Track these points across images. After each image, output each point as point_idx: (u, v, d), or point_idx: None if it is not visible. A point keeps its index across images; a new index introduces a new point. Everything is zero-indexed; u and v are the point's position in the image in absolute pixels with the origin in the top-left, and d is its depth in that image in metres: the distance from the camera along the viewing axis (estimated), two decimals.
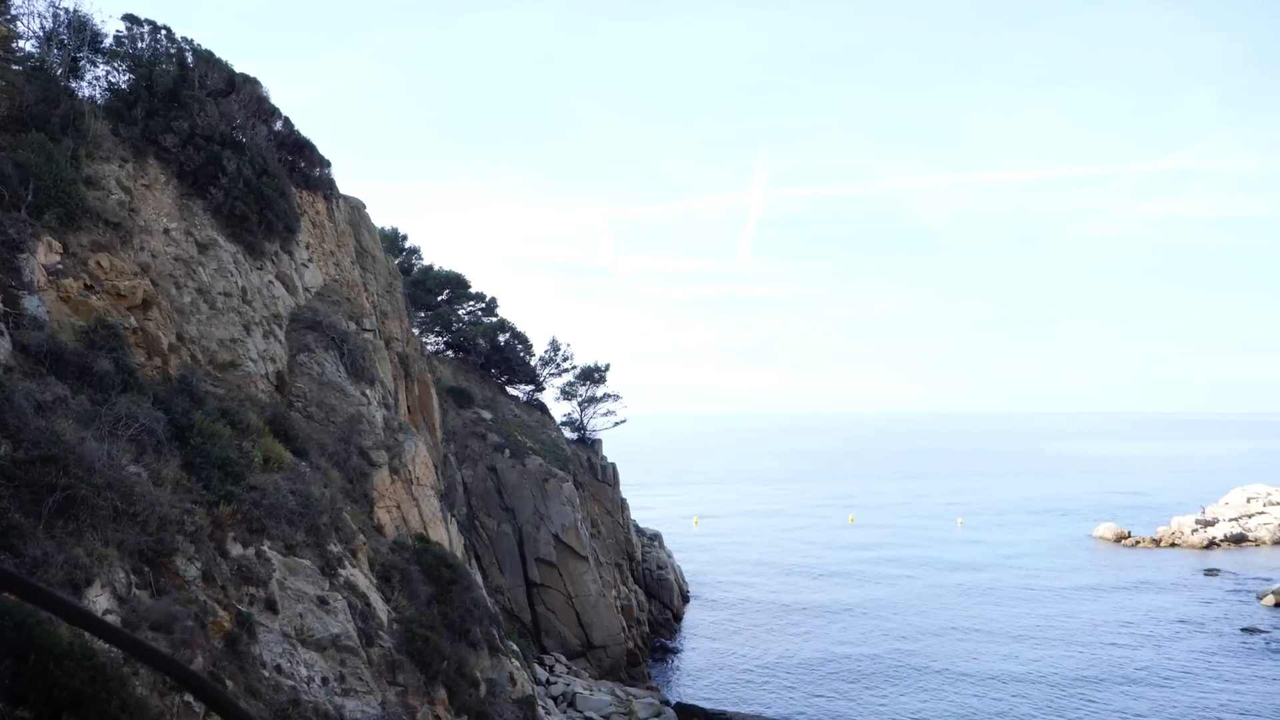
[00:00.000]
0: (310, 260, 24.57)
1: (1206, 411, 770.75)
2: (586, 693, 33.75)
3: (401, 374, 28.83)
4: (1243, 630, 49.58)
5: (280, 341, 20.89)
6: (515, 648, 29.30)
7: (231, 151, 21.20)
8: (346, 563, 15.45)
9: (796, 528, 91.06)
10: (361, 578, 15.80)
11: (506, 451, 41.56)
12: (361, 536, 17.16)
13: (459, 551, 25.74)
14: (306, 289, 23.75)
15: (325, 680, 12.71)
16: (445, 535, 23.87)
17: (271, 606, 12.66)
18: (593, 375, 53.45)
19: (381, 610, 15.79)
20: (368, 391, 22.71)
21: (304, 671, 12.41)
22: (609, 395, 53.60)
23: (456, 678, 16.44)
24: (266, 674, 11.63)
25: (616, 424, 54.22)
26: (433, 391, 32.96)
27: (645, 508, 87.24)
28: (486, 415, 43.79)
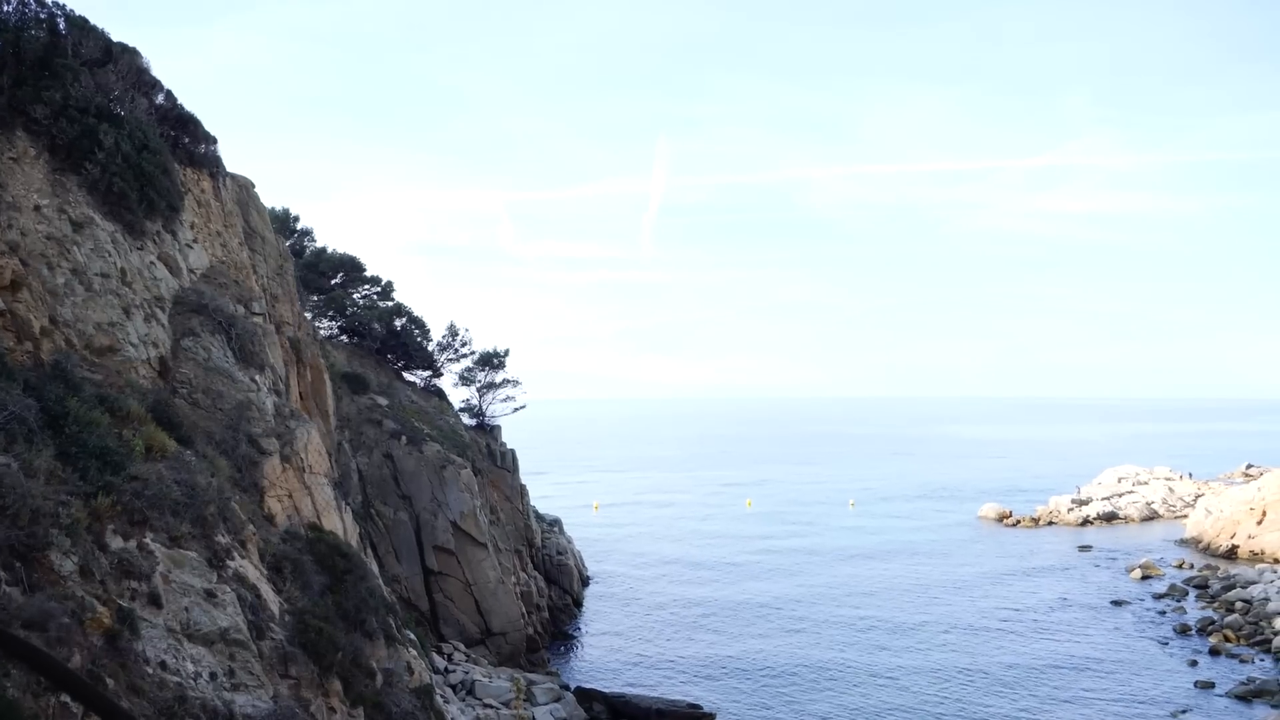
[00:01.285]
0: (195, 241, 23.63)
1: (1082, 396, 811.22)
2: (485, 680, 33.58)
3: (293, 359, 28.03)
4: (1113, 603, 52.48)
5: (163, 325, 20.05)
6: (413, 637, 28.93)
7: (109, 125, 20.18)
8: (235, 554, 14.98)
9: (695, 512, 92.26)
10: (251, 569, 15.34)
11: (403, 438, 40.88)
12: (251, 527, 16.65)
13: (354, 540, 25.23)
14: (191, 271, 22.85)
15: (214, 675, 12.32)
16: (339, 524, 23.36)
17: (155, 601, 12.19)
18: (492, 361, 52.94)
19: (273, 602, 15.37)
20: (257, 377, 22.01)
21: (190, 667, 12.00)
22: (509, 381, 53.22)
23: (352, 669, 16.14)
24: (150, 671, 11.20)
25: (516, 410, 53.87)
26: (326, 377, 32.15)
27: (546, 494, 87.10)
28: (382, 401, 42.96)
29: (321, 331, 44.50)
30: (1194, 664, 40.73)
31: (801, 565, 63.94)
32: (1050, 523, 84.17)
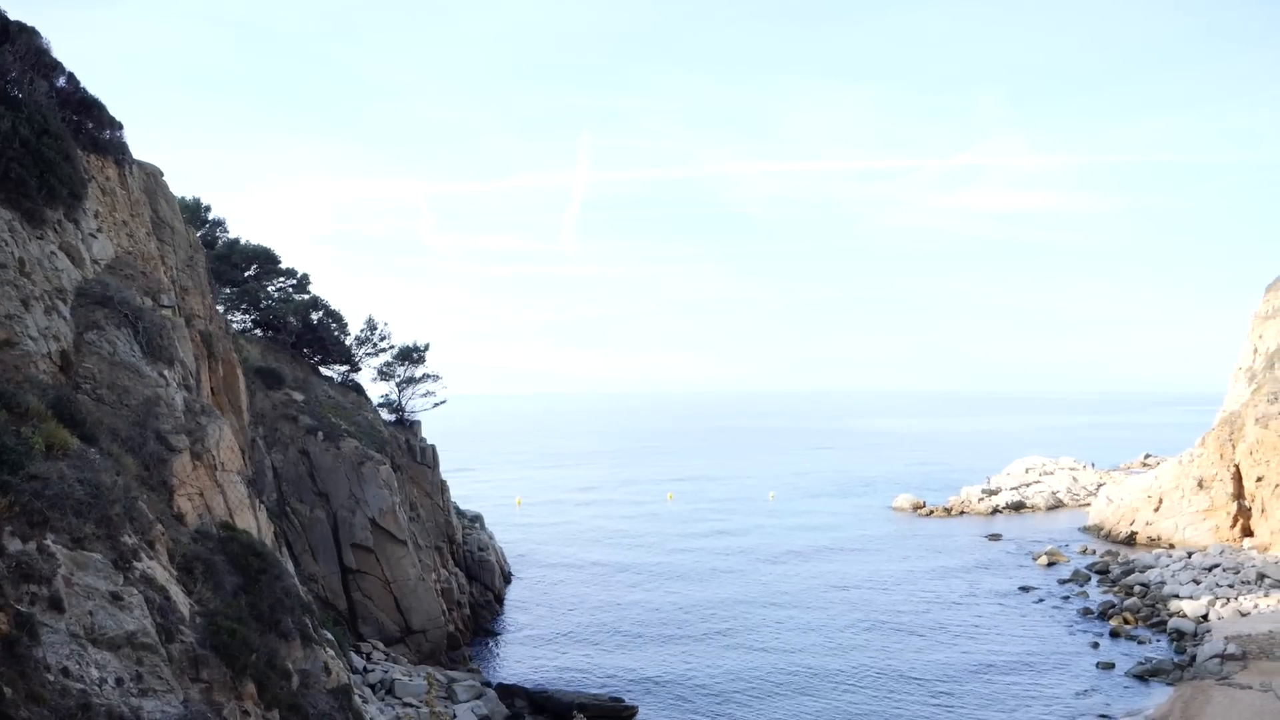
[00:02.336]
0: (100, 230, 22.75)
1: (994, 390, 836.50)
2: (405, 679, 33.16)
3: (204, 353, 27.21)
4: (1020, 589, 54.32)
5: (65, 318, 19.27)
6: (330, 636, 28.40)
7: (5, 109, 19.29)
8: (143, 555, 14.50)
9: (618, 507, 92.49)
10: (160, 570, 14.88)
11: (320, 434, 40.04)
12: (160, 526, 16.14)
13: (269, 539, 24.64)
14: (95, 261, 22.00)
15: (120, 681, 11.92)
16: (253, 522, 22.78)
17: (57, 605, 11.73)
18: (411, 355, 52.17)
19: (183, 604, 14.93)
20: (166, 372, 21.32)
21: (95, 673, 11.59)
22: (428, 375, 52.51)
23: (267, 670, 15.77)
24: (52, 678, 10.78)
25: (436, 405, 53.21)
26: (239, 372, 31.29)
27: (467, 490, 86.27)
28: (298, 397, 42.01)
29: (234, 325, 43.29)
30: (1096, 646, 42.42)
31: (722, 558, 64.64)
32: (962, 512, 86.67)
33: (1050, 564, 61.10)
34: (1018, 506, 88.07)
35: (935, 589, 54.44)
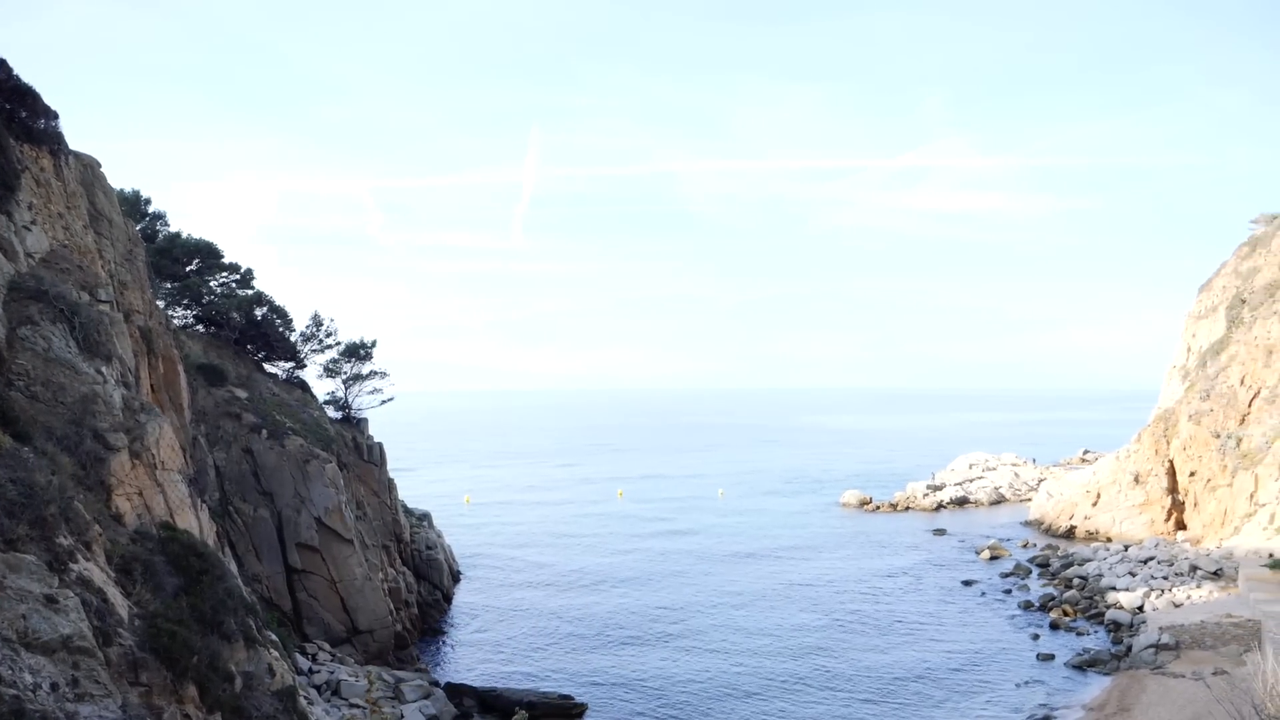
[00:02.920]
0: (34, 223, 22.12)
1: (940, 387, 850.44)
2: (352, 679, 32.78)
3: (144, 350, 26.61)
4: (963, 583, 55.30)
5: None
6: (275, 637, 27.96)
7: None
8: (79, 556, 14.15)
9: (568, 504, 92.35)
10: (97, 572, 14.54)
11: (264, 432, 39.38)
12: (97, 527, 15.77)
13: (210, 539, 24.19)
14: (29, 255, 21.39)
15: (55, 686, 11.62)
16: (195, 522, 22.36)
17: None
18: (358, 352, 51.49)
19: (121, 606, 14.60)
20: (104, 369, 20.81)
21: (29, 678, 11.29)
22: (376, 372, 51.86)
23: (209, 673, 15.50)
24: None
25: (384, 402, 52.61)
26: (180, 369, 30.65)
27: (415, 488, 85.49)
28: (241, 394, 41.27)
29: (176, 321, 42.39)
30: (1036, 638, 43.35)
31: (672, 557, 64.86)
32: (907, 508, 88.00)
33: (993, 558, 62.29)
34: (962, 502, 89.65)
35: (881, 584, 55.21)
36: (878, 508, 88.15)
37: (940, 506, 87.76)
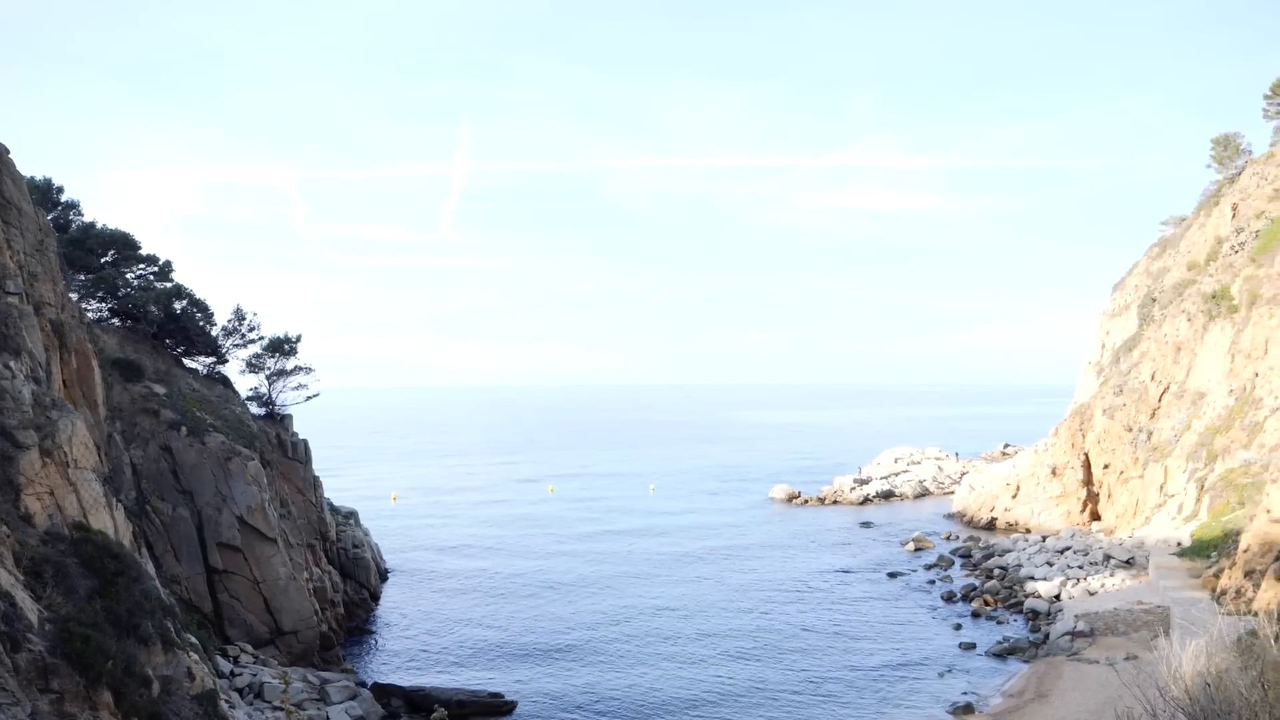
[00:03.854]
0: None
1: (867, 383, 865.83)
2: (275, 682, 32.07)
3: (55, 344, 25.61)
4: (889, 575, 56.41)
5: None
6: (194, 640, 27.22)
7: None
8: None
9: (498, 501, 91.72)
10: (4, 574, 13.95)
11: (183, 429, 38.26)
12: (4, 528, 15.13)
13: (126, 540, 23.41)
14: None
15: None
16: (109, 522, 21.61)
17: None
18: (282, 347, 50.31)
19: (30, 610, 14.04)
20: (12, 363, 19.96)
21: None
22: (300, 368, 50.72)
23: (124, 678, 15.00)
24: None
25: (309, 398, 51.51)
26: (94, 364, 29.59)
27: (342, 486, 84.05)
28: (159, 390, 40.02)
29: (90, 314, 40.90)
30: (958, 628, 44.43)
31: (602, 552, 64.88)
32: (835, 502, 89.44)
33: (917, 550, 63.66)
34: (887, 495, 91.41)
35: (809, 578, 55.99)
36: (806, 502, 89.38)
37: (867, 500, 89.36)
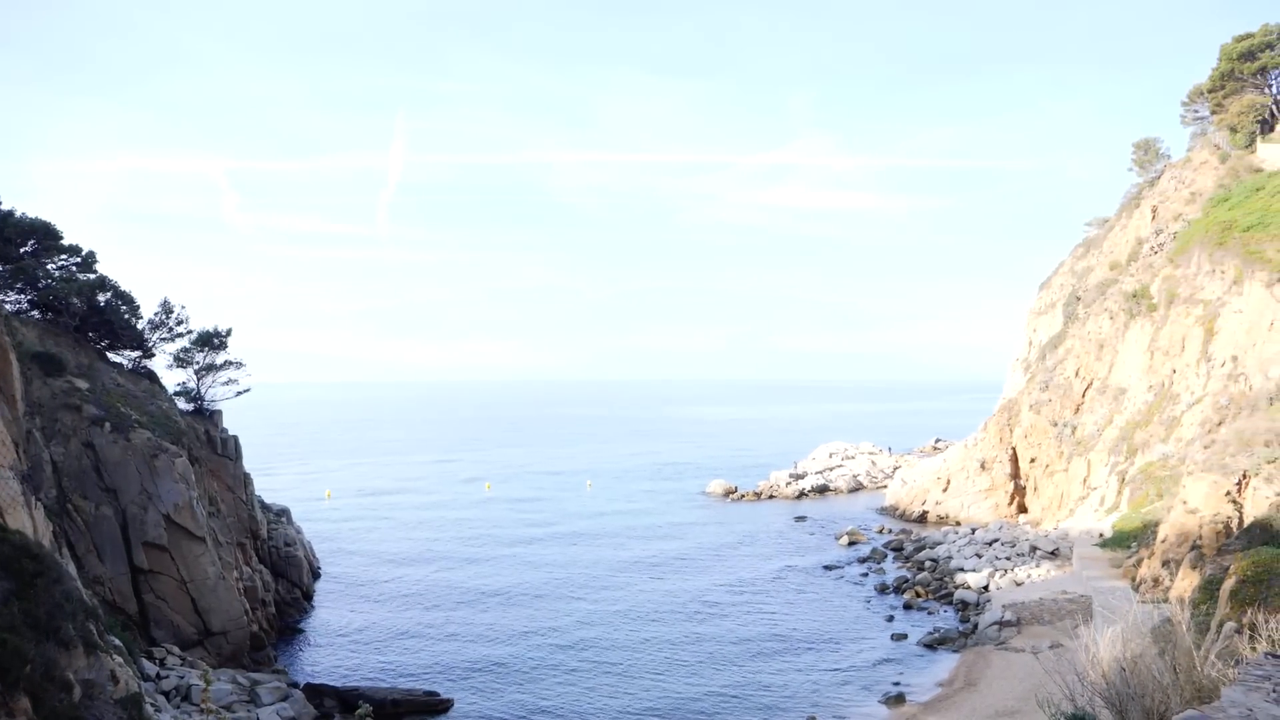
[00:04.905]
0: None
1: (803, 379, 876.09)
2: (203, 684, 31.35)
3: None
4: (824, 568, 57.24)
5: None
6: (118, 643, 26.52)
7: None
8: None
9: (434, 498, 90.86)
10: None
11: (107, 425, 37.15)
12: None
13: (46, 540, 22.70)
14: None
15: None
16: (28, 522, 20.93)
17: None
18: (211, 341, 49.10)
19: None
20: None
21: None
22: (230, 363, 49.53)
23: (43, 682, 14.55)
24: None
25: (239, 394, 50.34)
26: (12, 358, 28.56)
27: (274, 484, 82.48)
28: (82, 385, 38.80)
29: (7, 306, 39.46)
30: (891, 619, 45.29)
31: (539, 548, 64.70)
32: (771, 496, 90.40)
33: (851, 543, 64.68)
34: (822, 490, 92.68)
35: (745, 571, 56.55)
36: (742, 497, 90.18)
37: (802, 495, 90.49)
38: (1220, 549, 31.96)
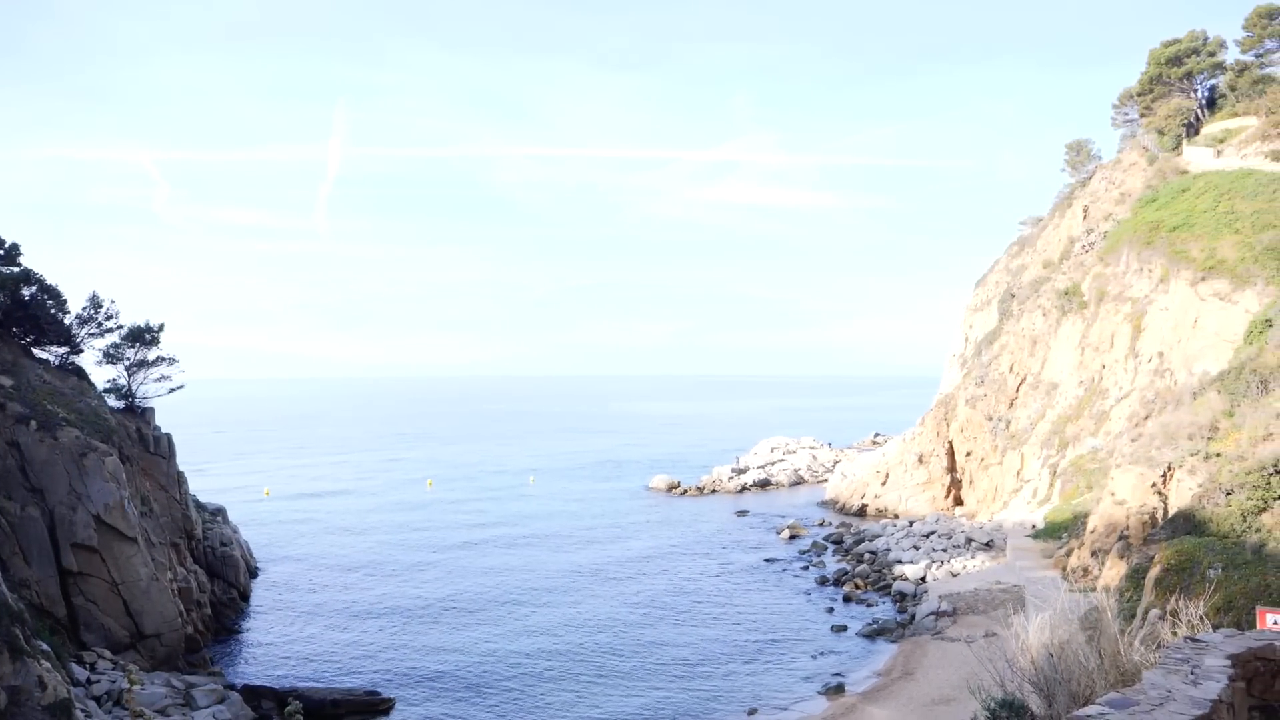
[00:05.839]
0: None
1: (745, 375, 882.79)
2: (138, 688, 30.61)
3: None
4: (765, 561, 57.84)
5: None
6: (46, 647, 25.83)
7: None
8: None
9: (374, 495, 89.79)
10: None
11: (32, 423, 36.02)
12: None
13: None
14: None
15: None
16: None
17: None
18: (143, 336, 47.83)
19: None
20: None
21: None
22: (163, 358, 48.31)
23: None
24: None
25: (172, 390, 49.15)
26: None
27: (211, 482, 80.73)
28: (6, 382, 37.57)
29: None
30: (831, 611, 45.95)
31: (481, 545, 64.33)
32: (713, 491, 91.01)
33: (792, 537, 65.44)
34: (764, 484, 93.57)
35: (687, 567, 56.87)
36: (685, 491, 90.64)
37: (744, 489, 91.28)
38: (1146, 539, 33.01)
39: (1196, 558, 26.43)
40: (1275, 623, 17.47)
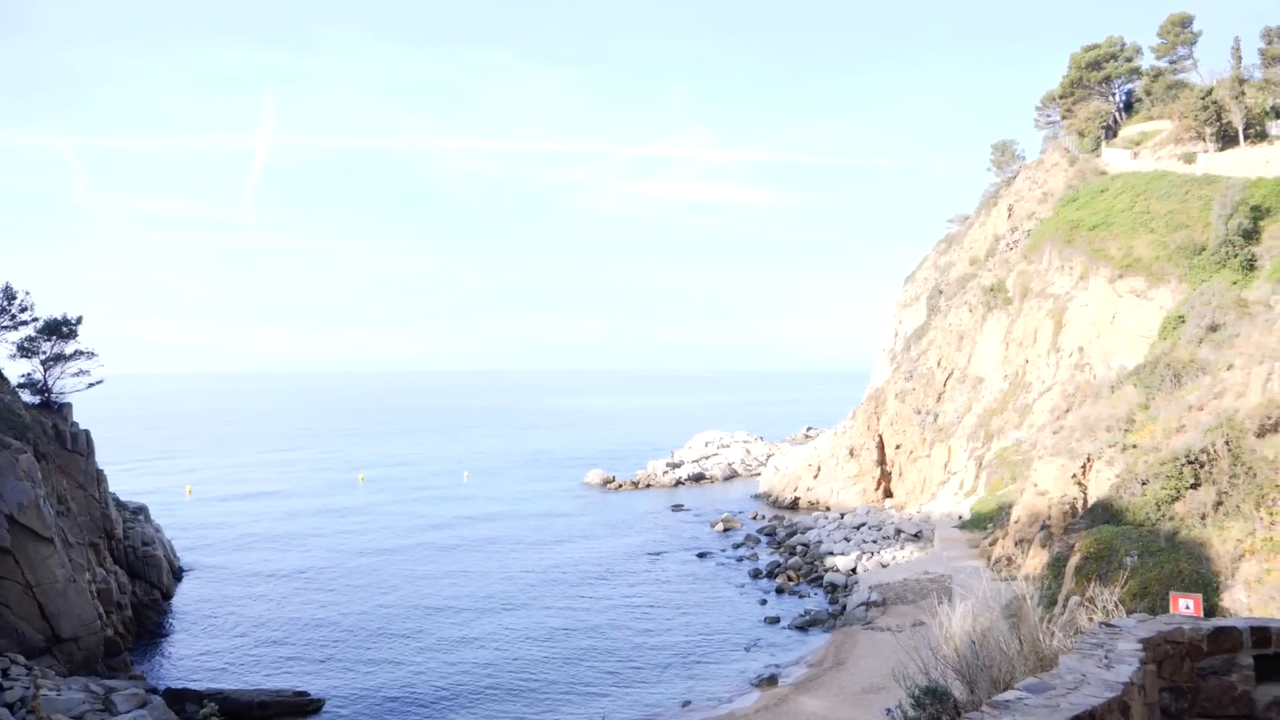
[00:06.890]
0: None
1: (680, 369, 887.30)
2: (54, 694, 29.60)
3: None
4: (699, 555, 58.22)
5: None
6: None
7: None
8: None
9: (304, 492, 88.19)
10: None
11: None
12: None
13: None
14: None
15: None
16: None
17: None
18: (60, 329, 46.25)
19: None
20: None
21: None
22: (81, 352, 46.79)
23: None
24: None
25: (91, 385, 47.63)
26: None
27: (133, 481, 78.32)
28: None
29: None
30: (764, 603, 46.46)
31: (412, 543, 63.56)
32: (648, 485, 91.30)
33: (726, 530, 65.99)
34: (698, 478, 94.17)
35: (621, 561, 56.99)
36: (620, 486, 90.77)
37: (679, 483, 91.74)
38: (1067, 528, 34.04)
39: (1114, 546, 27.33)
40: (1187, 607, 18.18)
